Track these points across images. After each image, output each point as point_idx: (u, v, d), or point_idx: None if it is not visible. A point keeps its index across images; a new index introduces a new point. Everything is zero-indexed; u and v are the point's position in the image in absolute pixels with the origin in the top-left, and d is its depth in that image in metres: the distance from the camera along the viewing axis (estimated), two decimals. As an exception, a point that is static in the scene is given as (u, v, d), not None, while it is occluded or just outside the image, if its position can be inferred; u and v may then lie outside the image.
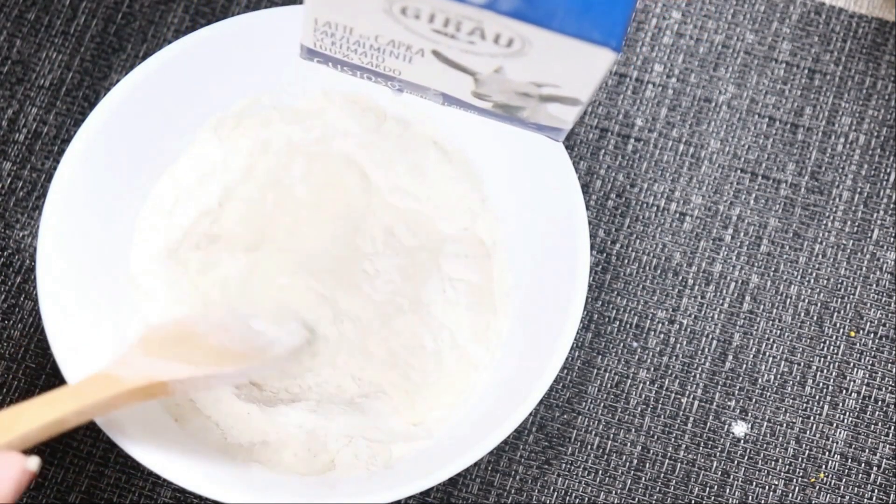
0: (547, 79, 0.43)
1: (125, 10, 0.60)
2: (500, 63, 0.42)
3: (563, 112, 0.45)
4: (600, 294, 0.58)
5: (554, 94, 0.44)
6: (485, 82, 0.44)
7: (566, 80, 0.43)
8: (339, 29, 0.44)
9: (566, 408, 0.57)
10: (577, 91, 0.43)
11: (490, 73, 0.43)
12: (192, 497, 0.55)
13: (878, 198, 0.59)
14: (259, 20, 0.53)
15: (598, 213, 0.59)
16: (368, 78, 0.47)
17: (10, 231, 0.58)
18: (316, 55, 0.46)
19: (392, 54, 0.44)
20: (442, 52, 0.43)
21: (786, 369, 0.57)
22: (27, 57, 0.60)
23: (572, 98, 0.44)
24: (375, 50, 0.44)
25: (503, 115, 0.47)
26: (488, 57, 0.42)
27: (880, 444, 0.56)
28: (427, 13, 0.40)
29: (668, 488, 0.56)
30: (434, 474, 0.49)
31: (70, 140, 0.54)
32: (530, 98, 0.44)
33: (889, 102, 0.60)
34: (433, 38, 0.42)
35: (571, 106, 0.44)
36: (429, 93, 0.47)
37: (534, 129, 0.48)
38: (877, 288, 0.58)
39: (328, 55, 0.46)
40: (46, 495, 0.55)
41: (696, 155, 0.59)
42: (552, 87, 0.43)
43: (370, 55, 0.45)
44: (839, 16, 0.61)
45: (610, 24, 0.40)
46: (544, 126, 0.47)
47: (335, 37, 0.44)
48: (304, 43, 0.46)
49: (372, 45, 0.44)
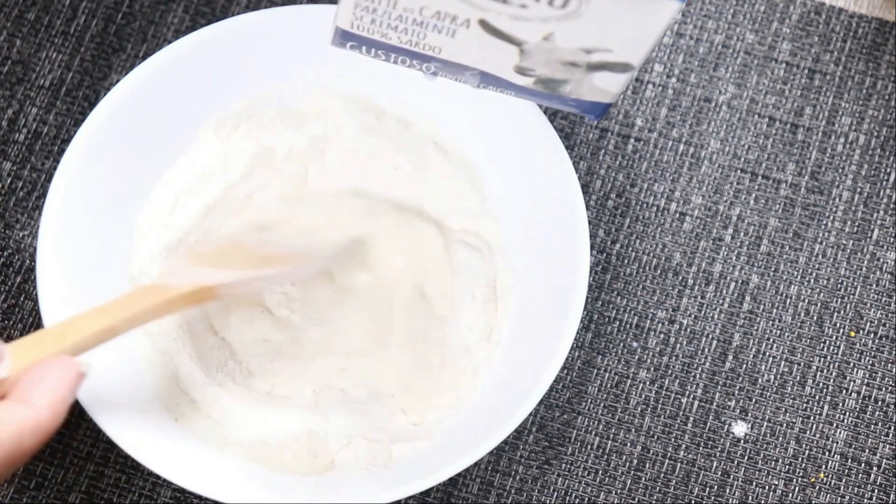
0: (599, 43, 0.41)
1: (125, 10, 0.60)
2: (550, 28, 0.41)
3: (610, 82, 0.44)
4: (600, 294, 0.58)
5: (604, 61, 0.42)
6: (531, 53, 0.43)
7: (620, 42, 0.41)
8: (383, 3, 0.42)
9: (566, 408, 0.57)
10: (629, 54, 0.42)
11: (538, 41, 0.42)
12: (192, 497, 0.55)
13: (878, 198, 0.59)
14: (259, 20, 0.53)
15: (598, 213, 0.59)
16: (403, 61, 0.46)
17: (10, 231, 0.58)
18: (351, 39, 0.45)
19: (435, 28, 0.43)
20: (490, 20, 0.41)
21: (786, 369, 0.57)
22: (27, 57, 0.60)
23: (623, 63, 0.42)
24: (418, 25, 0.43)
25: (543, 92, 0.45)
26: (539, 22, 0.40)
27: (880, 444, 0.56)
28: None
29: (668, 488, 0.56)
30: (434, 474, 0.49)
31: (70, 140, 0.54)
32: (577, 68, 0.43)
33: (889, 102, 0.60)
34: (482, 5, 0.40)
35: (621, 73, 0.43)
36: (466, 73, 0.45)
37: (573, 106, 0.46)
38: (877, 288, 0.58)
39: (365, 37, 0.45)
40: (46, 495, 0.55)
41: (696, 155, 0.59)
42: (604, 51, 0.42)
43: (411, 32, 0.43)
44: (839, 16, 0.61)
45: None
46: (585, 101, 0.45)
47: (377, 13, 0.43)
48: (340, 25, 0.44)
49: (415, 20, 0.43)
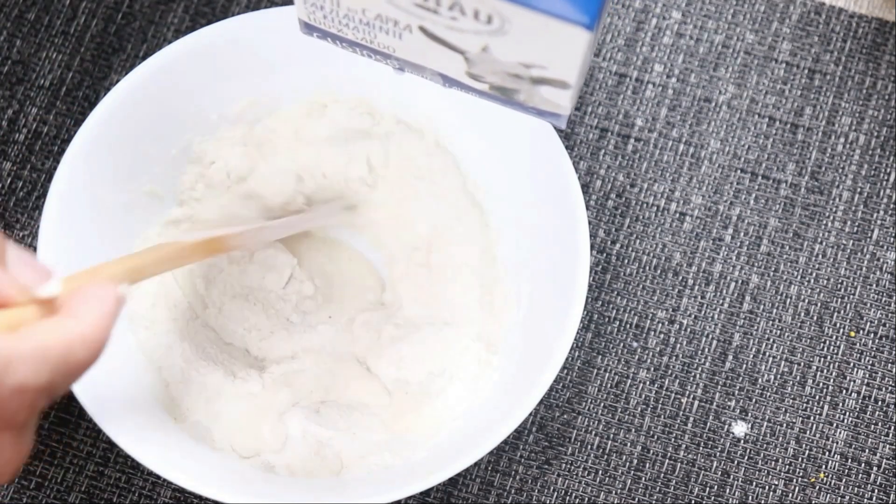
0: (532, 59, 0.41)
1: (125, 10, 0.60)
2: (485, 41, 0.40)
3: (557, 96, 0.43)
4: (600, 294, 0.58)
5: (543, 76, 0.42)
6: (475, 62, 0.42)
7: (550, 61, 0.41)
8: (328, 2, 0.42)
9: (566, 408, 0.57)
10: (563, 73, 0.41)
11: (478, 51, 0.41)
12: (192, 497, 0.55)
13: (878, 198, 0.59)
14: (259, 20, 0.53)
15: (598, 213, 0.59)
16: (368, 55, 0.46)
17: (10, 231, 0.58)
18: (314, 30, 0.45)
19: (382, 30, 0.43)
20: (428, 28, 0.41)
21: (786, 369, 0.57)
22: (27, 57, 0.60)
23: (561, 81, 0.42)
24: (365, 25, 0.43)
25: (501, 97, 0.45)
26: (472, 34, 0.40)
27: (880, 444, 0.56)
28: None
29: (668, 488, 0.56)
30: (434, 474, 0.49)
31: (70, 140, 0.54)
32: (522, 80, 0.43)
33: (889, 102, 0.60)
34: (417, 13, 0.40)
35: (562, 89, 0.43)
36: (427, 72, 0.45)
37: (534, 113, 0.46)
38: (877, 288, 0.58)
39: (325, 30, 0.45)
40: (46, 495, 0.55)
41: (696, 155, 0.59)
42: (539, 68, 0.41)
43: (362, 30, 0.43)
44: (839, 16, 0.61)
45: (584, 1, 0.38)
46: (544, 111, 0.45)
47: (325, 10, 0.43)
48: (299, 16, 0.45)
49: (361, 20, 0.43)
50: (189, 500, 0.55)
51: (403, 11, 0.41)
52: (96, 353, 0.36)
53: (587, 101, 0.60)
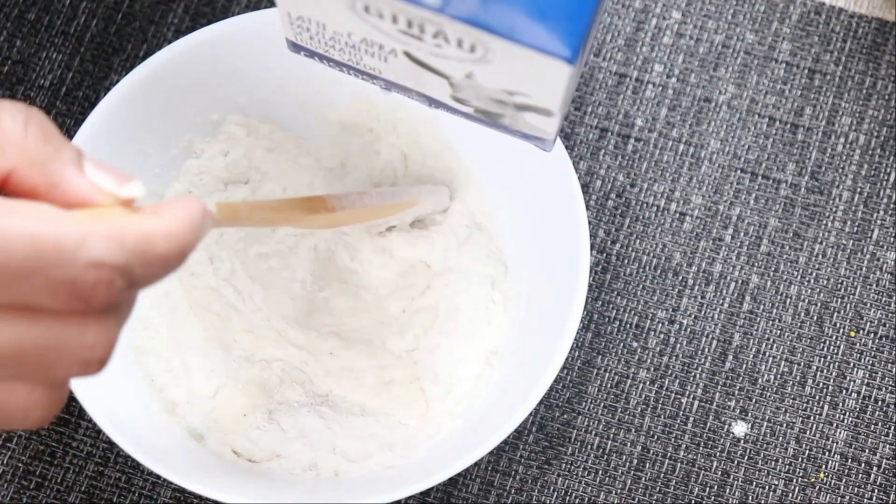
0: (516, 87, 0.41)
1: (125, 10, 0.60)
2: (469, 68, 0.40)
3: (542, 122, 0.43)
4: (600, 294, 0.58)
5: (527, 104, 0.42)
6: (460, 87, 0.42)
7: (533, 90, 0.41)
8: (313, 24, 0.42)
9: (566, 408, 0.57)
10: (546, 101, 0.41)
11: (462, 77, 0.41)
12: (192, 497, 0.55)
13: (878, 198, 0.59)
14: (259, 20, 0.53)
15: (598, 213, 0.59)
16: (355, 75, 0.46)
17: (10, 231, 0.58)
18: (301, 49, 0.45)
19: (368, 53, 0.43)
20: (413, 53, 0.41)
21: (786, 369, 0.57)
22: (27, 57, 0.60)
23: (545, 109, 0.42)
24: (351, 48, 0.43)
25: (486, 120, 0.45)
26: (456, 61, 0.40)
27: (880, 444, 0.56)
28: (389, 13, 0.39)
29: (668, 488, 0.56)
30: (434, 474, 0.49)
31: (70, 140, 0.54)
32: (506, 106, 0.43)
33: (889, 102, 0.60)
34: (401, 39, 0.40)
35: (547, 117, 0.42)
36: (413, 93, 0.46)
37: (520, 136, 0.46)
38: (877, 288, 0.58)
39: (311, 50, 0.45)
40: (46, 495, 0.55)
41: (696, 155, 0.59)
42: (523, 95, 0.41)
43: (348, 52, 0.44)
44: (839, 16, 0.61)
45: (566, 34, 0.37)
46: (529, 135, 0.45)
47: (311, 32, 0.43)
48: (286, 36, 0.45)
49: (347, 43, 0.43)
50: (189, 500, 0.55)
51: (388, 37, 0.41)
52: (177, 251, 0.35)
53: (587, 101, 0.60)
